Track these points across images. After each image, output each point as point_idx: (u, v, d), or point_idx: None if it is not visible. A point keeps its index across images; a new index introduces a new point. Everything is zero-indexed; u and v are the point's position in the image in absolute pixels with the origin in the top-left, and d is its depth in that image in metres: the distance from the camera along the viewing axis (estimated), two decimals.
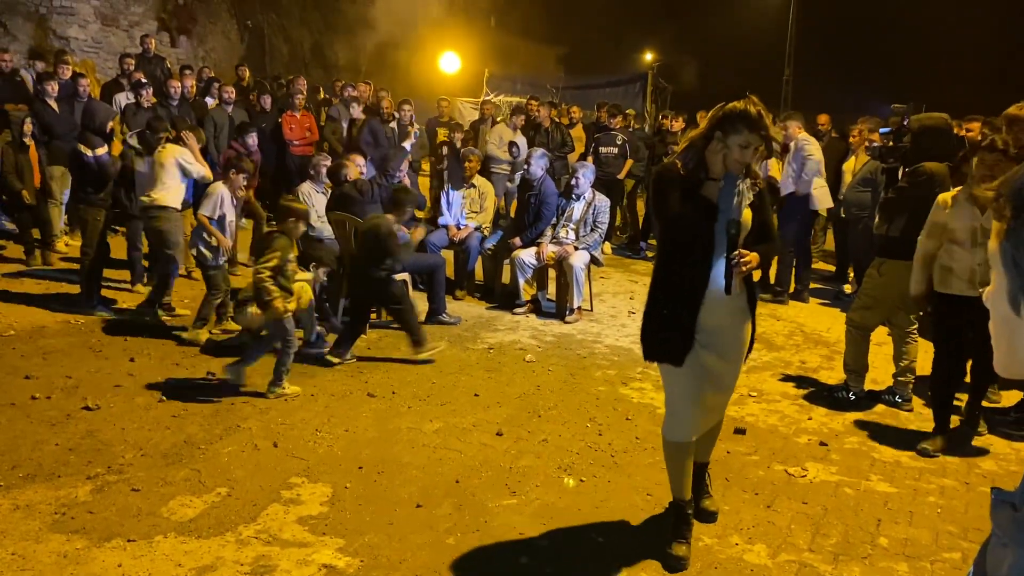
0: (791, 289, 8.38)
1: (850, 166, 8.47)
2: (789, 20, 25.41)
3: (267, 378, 5.43)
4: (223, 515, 3.67)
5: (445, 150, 9.89)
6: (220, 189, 6.33)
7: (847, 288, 8.72)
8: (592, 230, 7.50)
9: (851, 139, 8.76)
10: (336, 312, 6.82)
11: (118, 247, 8.23)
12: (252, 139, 8.97)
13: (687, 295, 3.32)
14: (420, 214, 8.54)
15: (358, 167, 7.30)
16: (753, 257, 3.21)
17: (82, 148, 6.61)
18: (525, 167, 7.78)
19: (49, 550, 3.33)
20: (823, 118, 10.12)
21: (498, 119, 12.54)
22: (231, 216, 6.45)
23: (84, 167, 6.64)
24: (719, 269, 3.25)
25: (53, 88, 8.57)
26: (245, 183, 6.66)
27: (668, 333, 3.35)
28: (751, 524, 3.80)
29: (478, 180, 8.39)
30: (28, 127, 8.07)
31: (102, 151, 6.66)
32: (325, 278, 6.58)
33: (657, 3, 29.59)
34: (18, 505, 3.68)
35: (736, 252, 3.18)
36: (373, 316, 6.81)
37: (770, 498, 4.06)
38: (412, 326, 5.95)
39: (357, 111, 10.74)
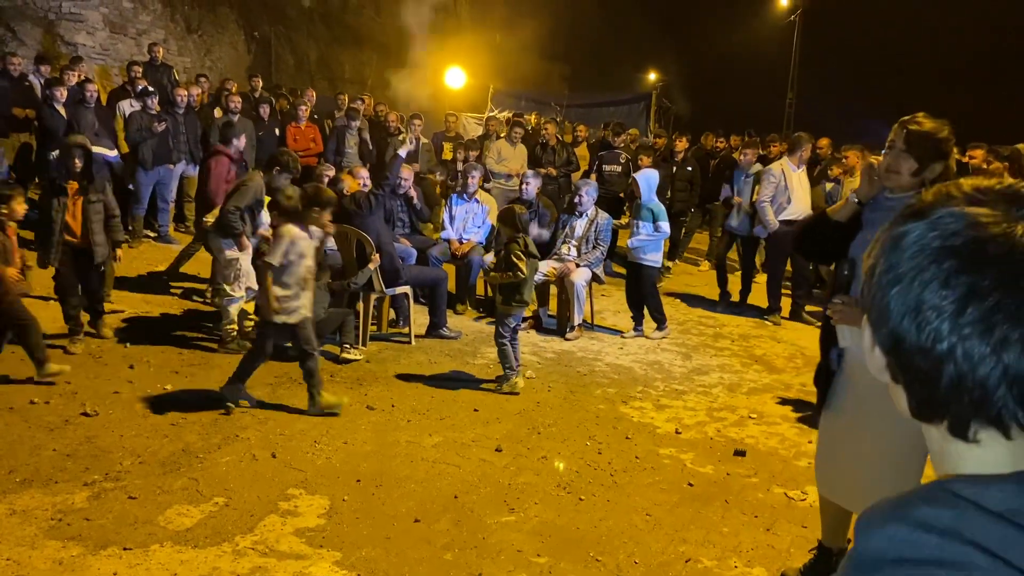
0: (786, 310, 8.43)
1: (854, 183, 8.49)
2: (793, 43, 25.58)
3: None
4: (220, 525, 3.65)
5: (460, 165, 9.91)
6: (294, 233, 5.06)
7: None
8: (594, 247, 7.51)
9: (844, 161, 8.86)
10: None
11: None
12: (240, 141, 8.71)
13: (824, 336, 3.04)
14: (429, 232, 8.56)
15: (358, 179, 7.30)
16: (847, 307, 2.67)
17: (103, 150, 6.71)
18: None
19: (45, 556, 3.31)
20: (823, 141, 10.17)
21: (501, 135, 12.58)
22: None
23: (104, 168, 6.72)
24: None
25: (61, 94, 8.60)
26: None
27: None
28: (751, 547, 3.78)
29: (481, 195, 8.41)
30: (78, 163, 5.82)
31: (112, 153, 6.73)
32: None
33: (662, 24, 29.79)
34: (14, 510, 3.66)
35: (838, 297, 2.74)
36: (373, 328, 6.81)
37: (770, 521, 4.05)
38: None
39: (357, 124, 10.74)
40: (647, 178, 7.41)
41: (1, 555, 3.29)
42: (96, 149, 6.64)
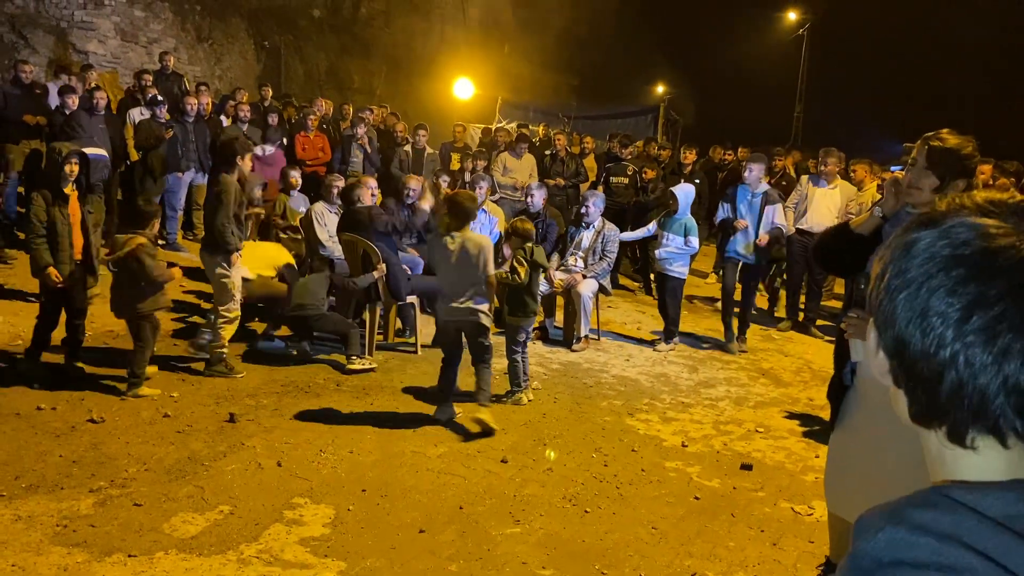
0: (799, 318, 8.46)
1: (863, 198, 8.47)
2: (801, 57, 25.63)
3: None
4: (225, 533, 3.65)
5: (467, 176, 9.95)
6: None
7: None
8: (601, 258, 7.50)
9: (852, 175, 8.83)
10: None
11: None
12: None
13: (838, 350, 2.90)
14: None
15: (370, 190, 7.32)
16: (863, 321, 2.45)
17: (97, 150, 6.73)
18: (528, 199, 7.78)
19: (49, 563, 3.30)
20: None
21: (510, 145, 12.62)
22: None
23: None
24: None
25: (74, 101, 8.64)
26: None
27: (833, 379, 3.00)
28: (756, 562, 3.76)
29: (489, 206, 8.42)
30: (74, 168, 5.56)
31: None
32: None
33: (671, 36, 29.86)
34: (20, 516, 3.67)
35: (854, 311, 2.66)
36: (379, 338, 6.81)
37: (776, 536, 4.02)
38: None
39: (361, 132, 10.74)
40: (686, 193, 7.46)
41: (7, 561, 3.29)
42: (91, 150, 6.62)
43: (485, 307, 5.19)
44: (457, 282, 5.16)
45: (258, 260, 6.70)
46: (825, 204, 8.09)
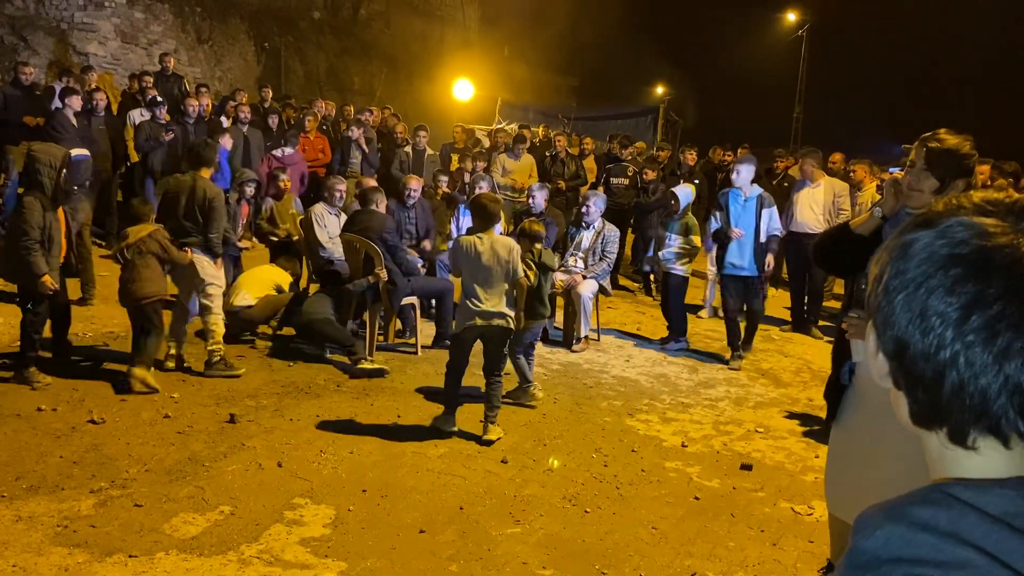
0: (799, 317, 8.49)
1: (862, 198, 8.49)
2: (801, 58, 25.66)
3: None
4: (226, 534, 3.65)
5: (467, 177, 9.97)
6: None
7: None
8: (601, 259, 7.51)
9: (852, 176, 8.83)
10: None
11: None
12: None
13: (837, 350, 2.90)
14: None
15: (383, 195, 7.32)
16: (864, 321, 2.28)
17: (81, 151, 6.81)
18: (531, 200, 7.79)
19: (50, 563, 3.31)
20: (836, 156, 10.13)
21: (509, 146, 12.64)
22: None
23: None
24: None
25: (75, 103, 8.66)
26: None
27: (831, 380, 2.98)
28: (756, 562, 3.76)
29: None
30: (62, 174, 5.42)
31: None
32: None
33: (671, 37, 29.90)
34: (20, 517, 3.67)
35: (854, 311, 2.66)
36: (380, 339, 6.82)
37: (776, 536, 4.03)
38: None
39: (357, 133, 10.76)
40: (687, 194, 7.53)
41: (7, 561, 3.30)
42: (75, 151, 6.65)
43: (512, 312, 5.13)
44: (487, 284, 5.02)
45: (256, 284, 6.79)
46: (808, 203, 8.16)
